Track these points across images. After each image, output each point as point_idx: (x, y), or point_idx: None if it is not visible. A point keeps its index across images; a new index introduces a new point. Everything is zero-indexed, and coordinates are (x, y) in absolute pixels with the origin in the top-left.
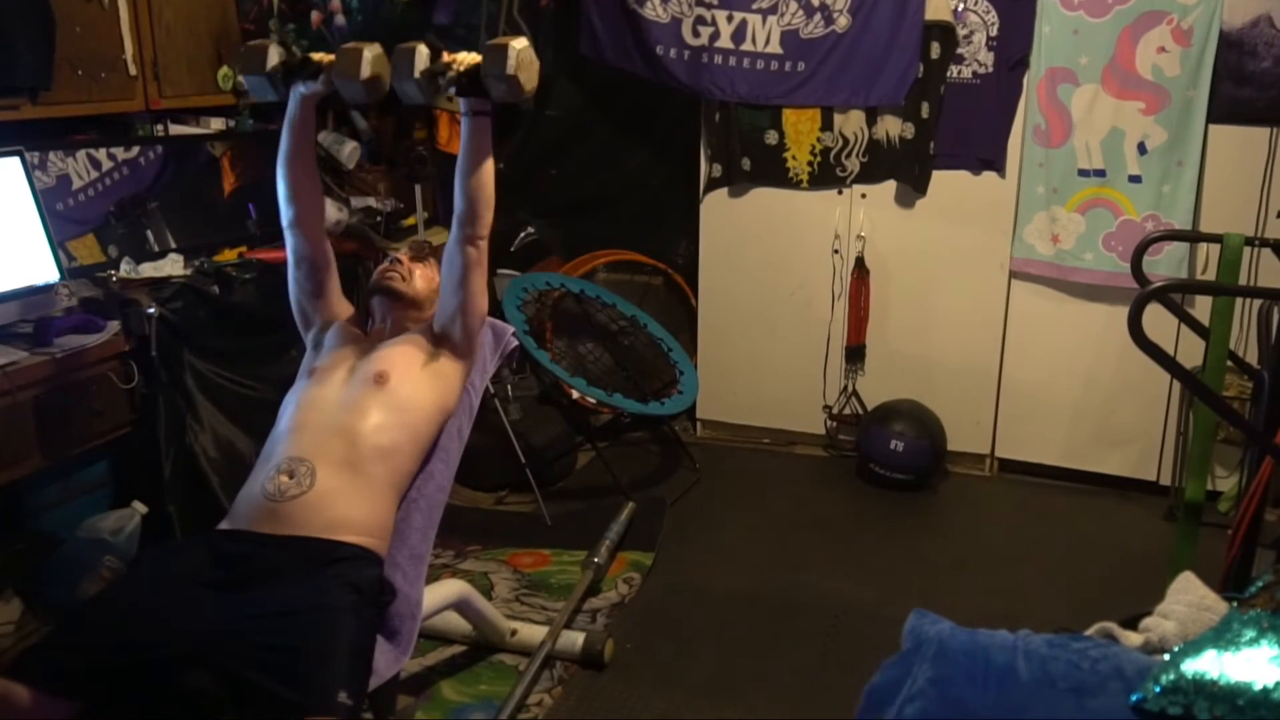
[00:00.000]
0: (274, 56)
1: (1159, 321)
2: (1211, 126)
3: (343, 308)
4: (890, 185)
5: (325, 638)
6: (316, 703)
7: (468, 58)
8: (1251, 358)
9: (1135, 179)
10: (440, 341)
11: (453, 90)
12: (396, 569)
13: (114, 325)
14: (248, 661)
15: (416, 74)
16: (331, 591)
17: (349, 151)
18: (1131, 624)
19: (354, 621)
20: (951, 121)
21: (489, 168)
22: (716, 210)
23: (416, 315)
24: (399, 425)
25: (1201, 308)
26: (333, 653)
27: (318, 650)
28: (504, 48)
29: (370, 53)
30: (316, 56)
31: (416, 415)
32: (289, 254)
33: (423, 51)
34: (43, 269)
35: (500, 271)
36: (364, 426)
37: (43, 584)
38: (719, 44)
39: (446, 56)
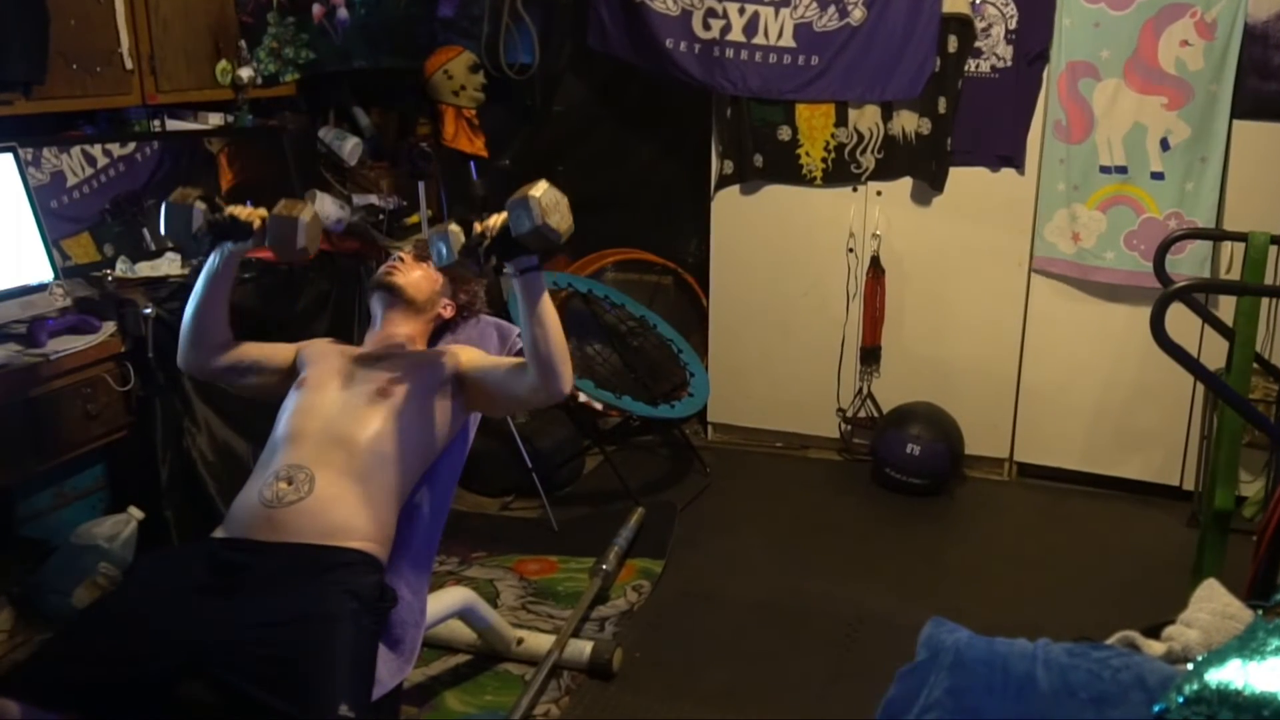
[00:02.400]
0: (199, 218)
1: (1182, 322)
2: (1235, 122)
3: (288, 348)
4: (906, 182)
5: (323, 647)
6: (316, 715)
7: (496, 220)
8: (1278, 359)
9: (1158, 176)
10: (458, 386)
11: (493, 261)
12: (400, 576)
13: (109, 326)
14: (245, 673)
15: (456, 254)
16: (329, 599)
17: (351, 148)
18: (1154, 632)
19: (353, 630)
20: (969, 117)
21: (554, 319)
22: (728, 208)
23: (416, 315)
24: (400, 436)
25: (1226, 308)
26: (332, 663)
27: (316, 660)
28: (524, 201)
29: (304, 218)
30: (245, 215)
31: (416, 433)
32: (210, 381)
33: (456, 232)
34: (36, 268)
35: (507, 271)
36: (364, 435)
37: (36, 592)
38: (730, 37)
39: (477, 227)
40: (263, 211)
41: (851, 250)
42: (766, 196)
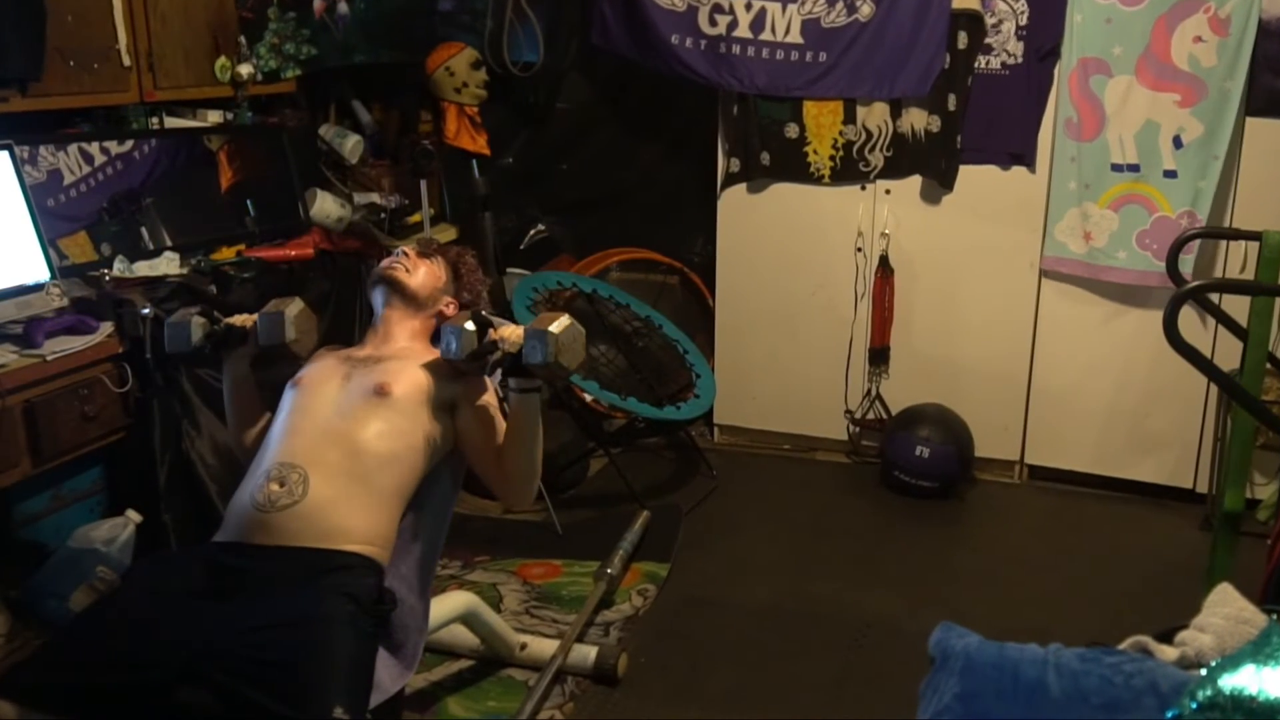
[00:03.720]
0: (198, 331)
1: (1195, 323)
2: (1249, 119)
3: (302, 365)
4: (915, 180)
5: (320, 651)
6: (312, 718)
7: (513, 336)
8: None
9: (1170, 174)
10: (453, 415)
11: (498, 375)
12: (401, 580)
13: (107, 326)
14: (241, 677)
15: (464, 354)
16: (326, 602)
17: (352, 145)
18: (1167, 637)
19: (350, 633)
20: (979, 114)
21: (538, 443)
22: (734, 207)
23: (417, 311)
24: (400, 436)
25: (1239, 308)
26: (328, 666)
27: (312, 664)
28: (542, 335)
29: (291, 312)
30: (239, 322)
31: (417, 434)
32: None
33: (469, 333)
34: (33, 268)
35: (509, 270)
36: (363, 434)
37: (33, 595)
38: (737, 33)
39: (493, 334)
40: (255, 317)
41: (860, 249)
42: (773, 195)
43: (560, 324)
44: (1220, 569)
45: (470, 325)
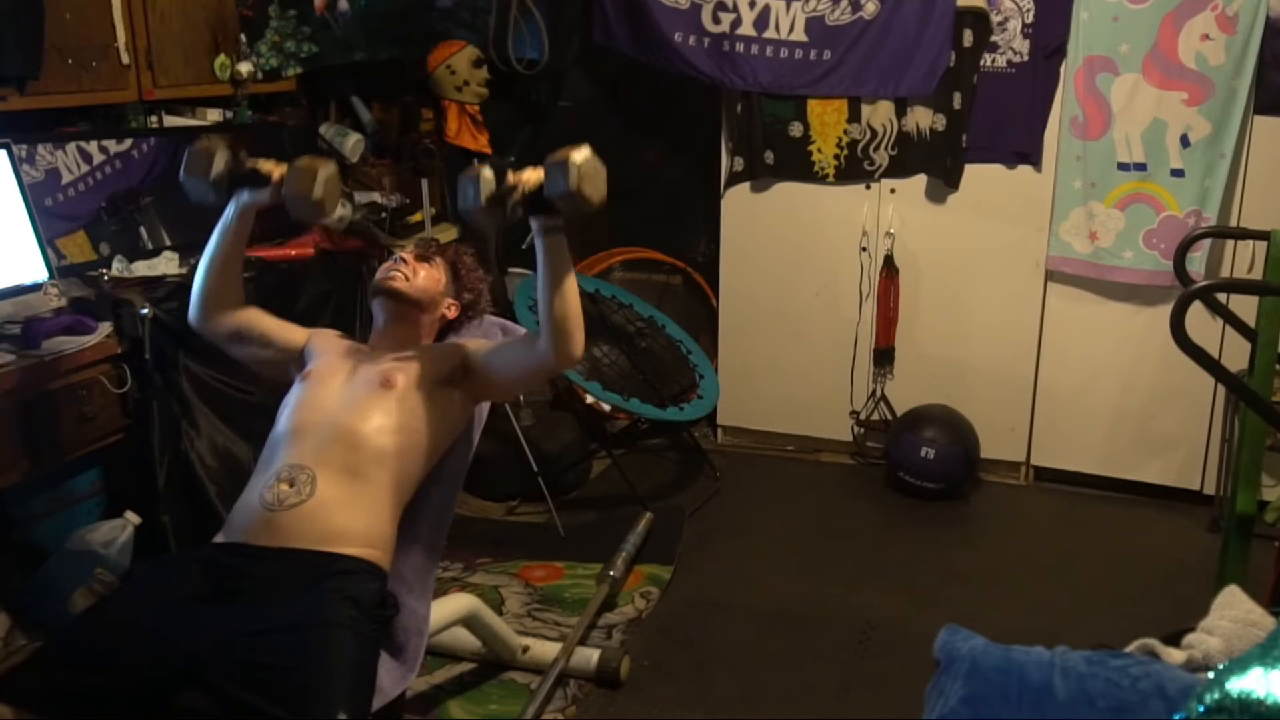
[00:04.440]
0: (220, 162)
1: (1203, 323)
2: (1256, 118)
3: (301, 331)
4: (920, 180)
5: (322, 655)
6: None
7: (532, 176)
8: None
9: (1178, 173)
10: (465, 374)
11: (519, 213)
12: (402, 583)
13: (106, 326)
14: (242, 681)
15: (483, 200)
16: (328, 607)
17: (352, 144)
18: (1174, 640)
19: (352, 638)
20: (985, 113)
21: (573, 284)
22: (738, 206)
23: (419, 317)
24: (402, 429)
25: (1247, 308)
26: (330, 671)
27: (314, 669)
28: (563, 164)
29: (325, 172)
30: (266, 167)
31: (421, 426)
32: (217, 343)
33: (488, 177)
34: (31, 267)
35: (511, 270)
36: (366, 428)
37: (31, 598)
38: (740, 31)
39: (511, 177)
40: (284, 167)
41: (864, 249)
42: (778, 194)
43: (582, 153)
44: (1228, 571)
45: (487, 172)
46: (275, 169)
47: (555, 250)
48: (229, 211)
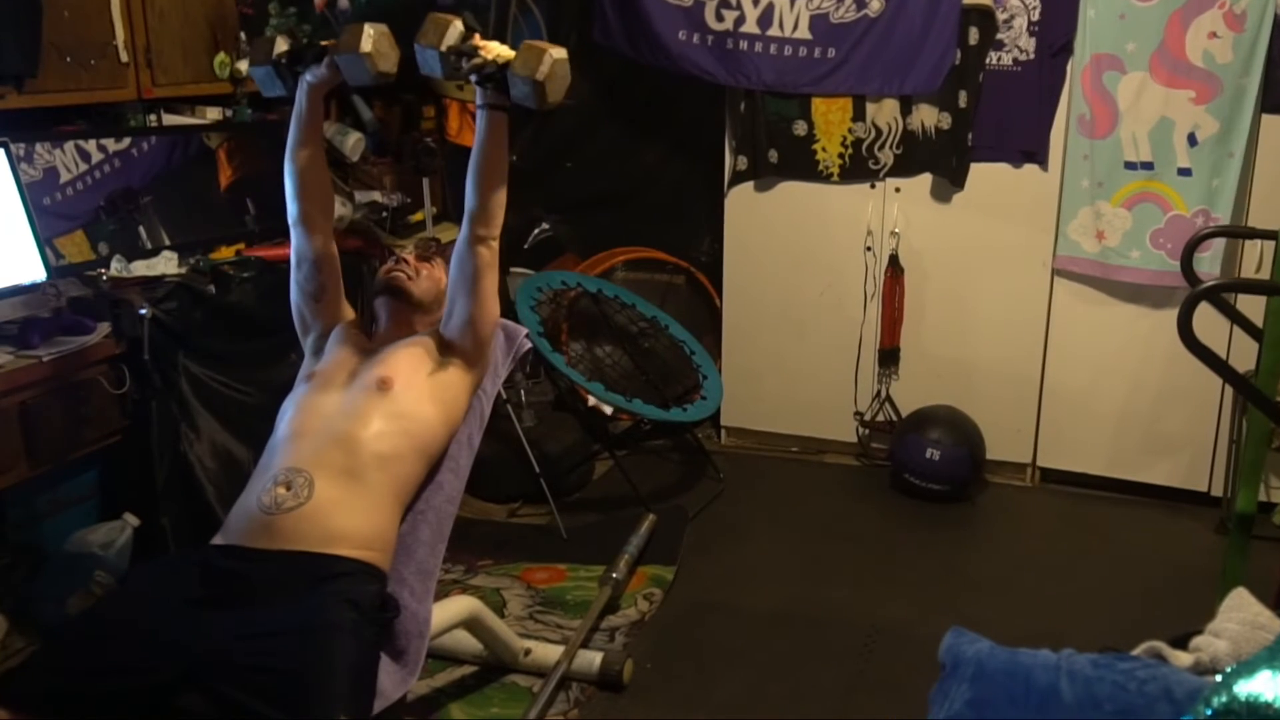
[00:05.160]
0: (281, 44)
1: (1210, 323)
2: (1265, 116)
3: (345, 312)
4: (926, 179)
5: (322, 659)
6: None
7: (500, 50)
8: None
9: (1185, 172)
10: (448, 349)
11: (472, 78)
12: (403, 585)
13: (104, 327)
14: (241, 684)
15: (443, 46)
16: (328, 609)
17: (353, 143)
18: (1181, 643)
19: (353, 641)
20: (991, 111)
21: (502, 164)
22: (742, 205)
23: (422, 318)
24: (401, 432)
25: (1255, 308)
26: (331, 674)
27: (315, 672)
28: (540, 53)
29: (374, 30)
30: (322, 43)
31: (420, 425)
32: (292, 252)
33: (457, 27)
34: (29, 267)
35: (513, 270)
36: (364, 433)
37: (29, 600)
38: (744, 29)
39: (478, 39)
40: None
41: (869, 249)
42: (782, 193)
43: (560, 52)
44: (1235, 573)
45: (459, 23)
46: (330, 42)
47: (496, 127)
48: (299, 97)
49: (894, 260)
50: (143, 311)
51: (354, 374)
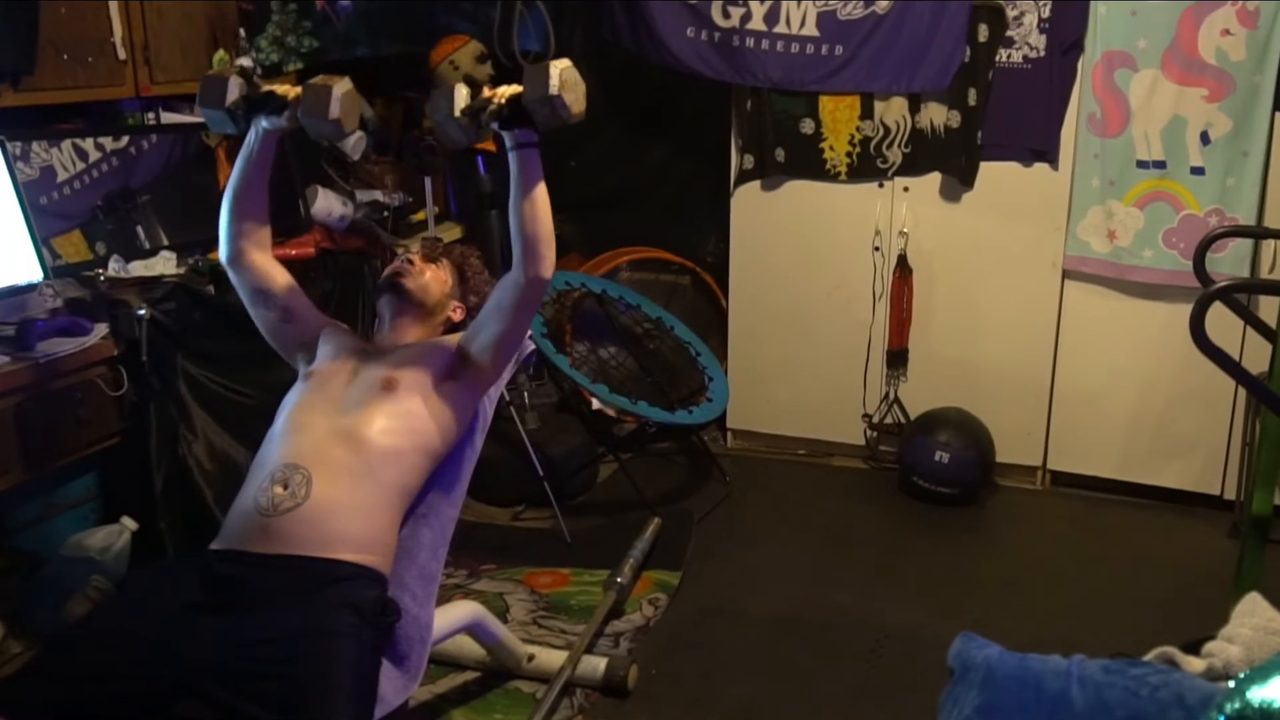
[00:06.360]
0: (234, 90)
1: (1223, 324)
2: (1279, 115)
3: (321, 319)
4: (935, 178)
5: (323, 665)
6: None
7: (507, 89)
8: None
9: (1198, 171)
10: (465, 362)
11: (494, 126)
12: (405, 589)
13: (102, 328)
14: (241, 692)
15: (457, 113)
16: (329, 615)
17: (354, 142)
18: (1193, 648)
19: (354, 647)
20: (1001, 109)
21: (544, 202)
22: (748, 204)
23: (426, 318)
24: (404, 431)
25: (1269, 309)
26: (332, 681)
27: (316, 679)
28: (544, 69)
29: (339, 89)
30: (281, 90)
31: (423, 425)
32: (240, 292)
33: (462, 90)
34: (25, 268)
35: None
36: (368, 430)
37: (25, 606)
38: (750, 26)
39: (486, 91)
40: (299, 89)
41: (877, 249)
42: (788, 192)
43: (563, 62)
44: (1248, 577)
45: (463, 85)
46: (290, 90)
47: (529, 165)
48: (250, 139)
49: (902, 260)
50: (141, 312)
51: (356, 372)
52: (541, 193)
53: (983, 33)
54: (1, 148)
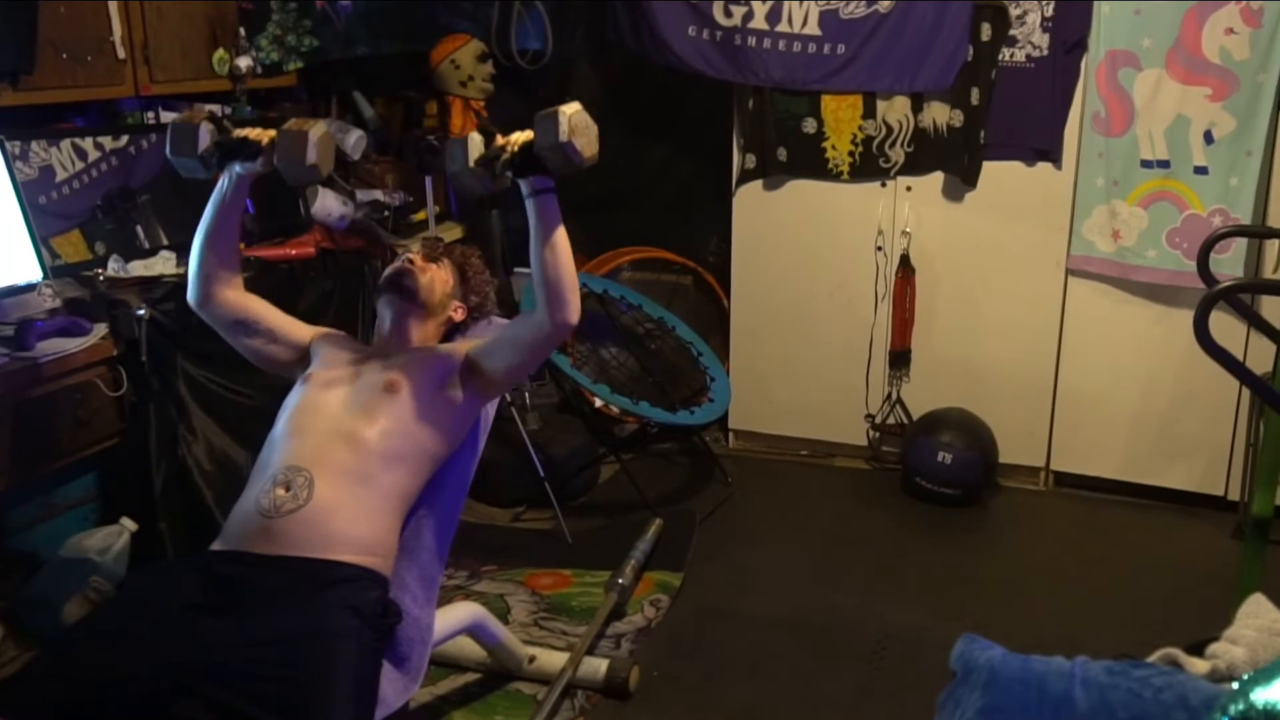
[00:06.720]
0: (206, 137)
1: (1227, 324)
2: None
3: (308, 331)
4: (938, 177)
5: (324, 666)
6: None
7: (520, 136)
8: None
9: (1201, 170)
10: (469, 372)
11: (508, 174)
12: (406, 591)
13: (101, 328)
14: (241, 693)
15: (471, 163)
16: (330, 616)
17: (354, 141)
18: (1197, 650)
19: (355, 648)
20: (1004, 108)
21: (565, 247)
22: (750, 204)
23: (427, 319)
24: (407, 434)
25: (1273, 309)
26: (333, 682)
27: (316, 680)
28: (554, 115)
29: (315, 134)
30: (254, 134)
31: (425, 431)
32: (218, 329)
33: (476, 139)
34: (24, 267)
35: (518, 270)
36: (369, 432)
37: (24, 607)
38: (752, 25)
39: (499, 140)
40: (273, 132)
41: (880, 248)
42: (791, 192)
43: (572, 106)
44: (1252, 578)
45: (475, 134)
46: (263, 135)
47: (546, 211)
48: (222, 184)
49: (905, 260)
50: (140, 312)
51: (358, 374)
52: (562, 238)
53: (986, 32)
54: (1, 147)
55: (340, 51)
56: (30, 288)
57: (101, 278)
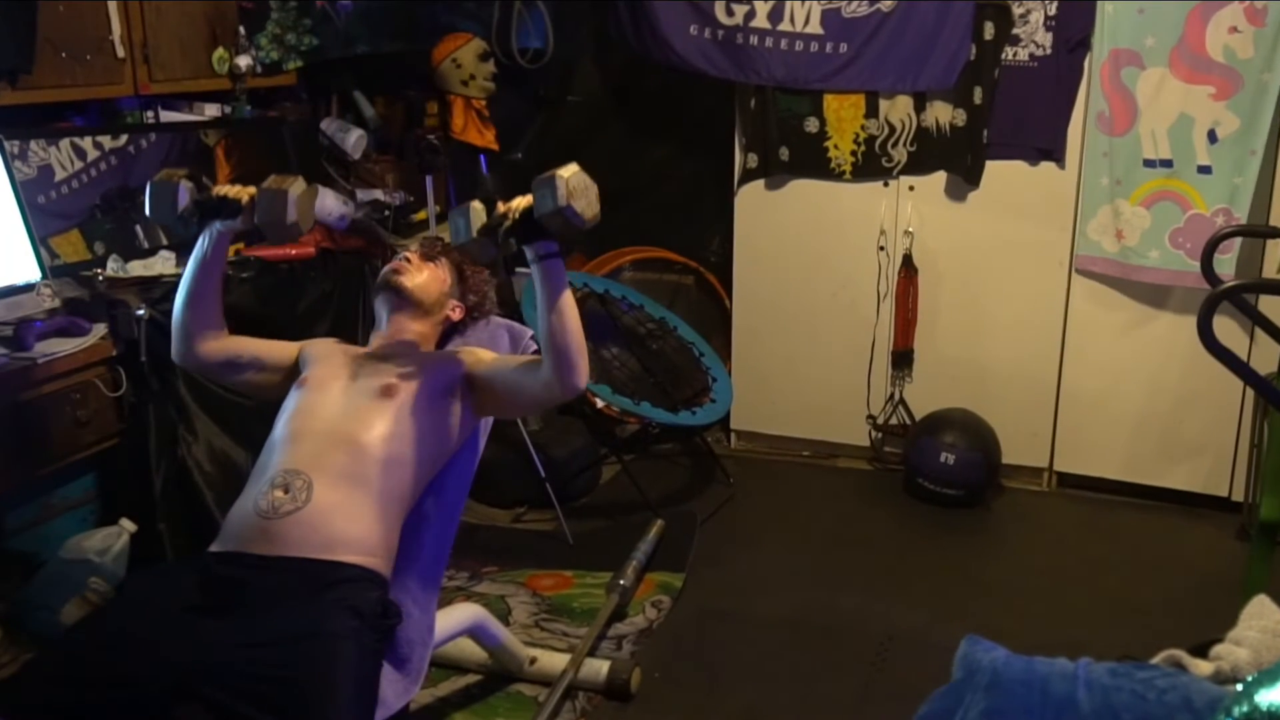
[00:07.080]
0: (185, 196)
1: (1231, 325)
2: None
3: (292, 346)
4: (940, 176)
5: (324, 667)
6: None
7: (521, 201)
8: None
9: (1205, 170)
10: (469, 389)
11: (512, 241)
12: (406, 592)
13: (100, 328)
14: (241, 694)
15: (474, 232)
16: (330, 617)
17: (354, 140)
18: (1201, 651)
19: (355, 649)
20: (1007, 108)
21: (572, 311)
22: (752, 204)
23: (422, 317)
24: (404, 438)
25: (1275, 309)
26: (333, 683)
27: (316, 681)
28: (550, 180)
29: (295, 192)
30: (234, 193)
31: (423, 434)
32: (207, 375)
33: (477, 208)
34: (23, 267)
35: (518, 271)
36: (368, 436)
37: (23, 609)
38: (754, 24)
39: (501, 207)
40: (252, 189)
41: (882, 248)
42: (793, 192)
43: (569, 169)
44: (1256, 580)
45: (476, 204)
46: (243, 193)
47: (552, 276)
48: (202, 242)
49: (908, 260)
50: (140, 313)
51: (354, 377)
52: (568, 302)
53: (988, 31)
54: (0, 146)
55: (340, 50)
56: (29, 288)
57: (100, 278)
